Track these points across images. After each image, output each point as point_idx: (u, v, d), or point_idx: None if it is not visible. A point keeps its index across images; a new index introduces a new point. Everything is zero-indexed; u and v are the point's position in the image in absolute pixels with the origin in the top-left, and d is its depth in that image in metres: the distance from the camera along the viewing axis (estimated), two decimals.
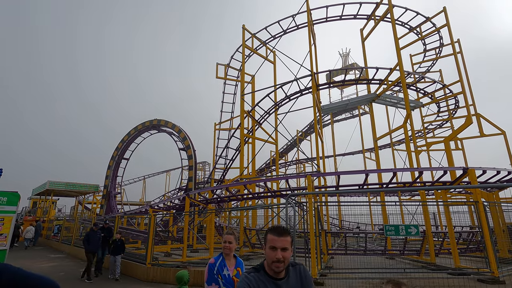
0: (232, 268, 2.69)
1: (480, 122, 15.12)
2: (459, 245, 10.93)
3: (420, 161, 11.24)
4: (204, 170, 39.36)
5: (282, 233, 1.59)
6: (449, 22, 14.25)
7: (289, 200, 6.24)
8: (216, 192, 15.52)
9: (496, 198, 11.07)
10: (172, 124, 24.02)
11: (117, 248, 9.02)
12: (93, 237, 9.25)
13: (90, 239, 9.16)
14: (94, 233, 9.34)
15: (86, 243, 9.15)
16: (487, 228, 6.79)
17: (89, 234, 9.36)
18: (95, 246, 9.24)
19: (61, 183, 24.52)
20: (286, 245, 1.56)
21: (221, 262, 2.69)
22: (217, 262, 2.69)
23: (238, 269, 2.70)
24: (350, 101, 16.05)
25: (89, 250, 9.06)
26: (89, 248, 9.06)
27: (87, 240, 9.19)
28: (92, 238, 9.23)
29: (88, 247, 9.07)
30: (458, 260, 8.01)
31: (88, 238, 9.21)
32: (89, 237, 9.23)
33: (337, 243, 14.31)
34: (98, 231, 9.55)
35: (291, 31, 18.09)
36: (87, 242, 9.14)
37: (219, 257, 2.73)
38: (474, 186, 6.89)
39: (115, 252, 8.95)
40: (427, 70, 19.24)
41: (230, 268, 2.67)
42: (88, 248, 9.06)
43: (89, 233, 9.41)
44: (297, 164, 30.34)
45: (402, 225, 6.91)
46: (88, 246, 9.08)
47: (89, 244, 9.10)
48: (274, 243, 1.56)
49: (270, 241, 1.58)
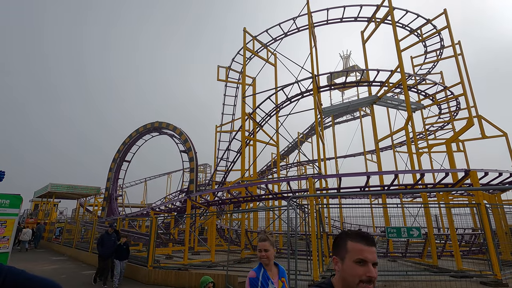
0: (276, 279, 2.31)
1: (482, 123, 15.09)
2: (461, 248, 10.87)
3: (421, 163, 11.22)
4: (205, 172, 39.38)
5: (372, 241, 1.15)
6: (449, 24, 14.26)
7: (290, 202, 6.23)
8: (218, 194, 15.50)
9: (498, 200, 11.03)
10: (173, 127, 24.08)
11: (122, 252, 8.42)
12: (107, 241, 8.55)
13: (104, 243, 8.50)
14: (108, 236, 8.64)
15: (100, 246, 8.51)
16: (490, 230, 6.76)
17: (103, 237, 8.65)
18: (109, 250, 8.48)
19: (62, 185, 24.58)
20: (376, 258, 1.13)
21: (264, 274, 2.28)
22: (259, 274, 2.28)
23: (283, 280, 2.34)
24: (351, 103, 16.04)
25: (103, 254, 8.43)
26: (103, 252, 8.44)
27: (101, 243, 8.53)
28: (107, 241, 8.54)
29: (102, 251, 8.44)
30: (461, 263, 7.96)
31: (103, 241, 8.54)
32: (103, 240, 8.55)
33: None
34: (112, 233, 8.76)
35: (292, 33, 18.17)
36: (101, 246, 8.50)
37: (259, 268, 2.32)
38: (476, 188, 6.86)
39: (120, 257, 8.35)
40: (428, 72, 19.24)
41: (274, 279, 2.30)
42: (102, 252, 8.43)
43: (104, 235, 8.69)
44: (298, 166, 30.30)
45: (404, 227, 6.89)
46: (102, 250, 8.45)
47: (103, 248, 8.46)
48: (363, 255, 1.10)
49: (356, 252, 1.11)
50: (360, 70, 17.51)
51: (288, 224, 6.50)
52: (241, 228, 13.94)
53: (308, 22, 14.78)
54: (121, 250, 8.42)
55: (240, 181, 15.15)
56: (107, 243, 8.50)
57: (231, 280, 7.19)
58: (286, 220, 6.56)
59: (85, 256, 12.95)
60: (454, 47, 13.78)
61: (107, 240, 8.55)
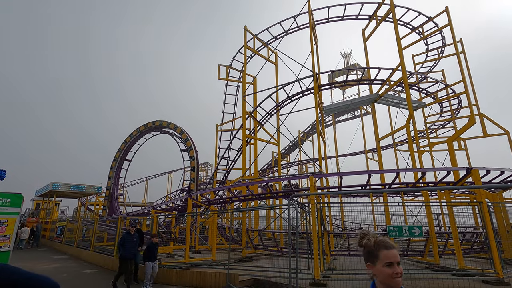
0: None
1: (484, 122, 15.03)
2: (463, 246, 10.85)
3: (423, 161, 11.18)
4: (206, 171, 39.42)
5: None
6: (451, 21, 14.19)
7: (291, 201, 6.22)
8: (218, 193, 15.51)
9: (500, 198, 10.97)
10: (174, 125, 24.08)
11: (155, 253, 7.84)
12: (129, 241, 7.91)
13: (125, 244, 7.84)
14: (130, 237, 8.01)
15: (121, 247, 7.85)
16: (491, 229, 6.73)
17: (124, 237, 8.01)
18: (131, 251, 7.87)
19: (64, 184, 24.63)
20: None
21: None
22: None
23: None
24: (352, 101, 15.99)
25: (125, 256, 7.75)
26: (124, 254, 7.75)
27: (122, 244, 7.87)
28: (128, 242, 7.89)
29: (124, 253, 7.76)
30: (462, 261, 7.94)
31: (124, 241, 7.88)
32: (125, 240, 7.90)
33: (339, 244, 14.25)
34: (135, 233, 8.17)
35: (293, 32, 18.11)
36: (122, 247, 7.84)
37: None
38: (478, 187, 6.84)
39: (152, 257, 7.73)
40: (430, 70, 19.17)
41: None
42: (124, 254, 7.75)
43: (125, 236, 8.05)
44: (299, 165, 30.29)
45: (405, 225, 6.86)
46: (123, 251, 7.78)
47: (125, 249, 7.79)
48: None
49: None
50: (361, 69, 17.47)
51: (289, 223, 6.49)
52: (242, 226, 13.94)
53: (309, 20, 14.72)
54: (153, 250, 7.86)
55: (241, 179, 15.15)
56: (129, 243, 7.90)
57: (232, 278, 7.19)
58: (287, 219, 6.55)
59: (86, 255, 12.98)
60: (456, 44, 13.72)
61: (128, 240, 7.95)
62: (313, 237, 7.19)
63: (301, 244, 11.36)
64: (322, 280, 6.68)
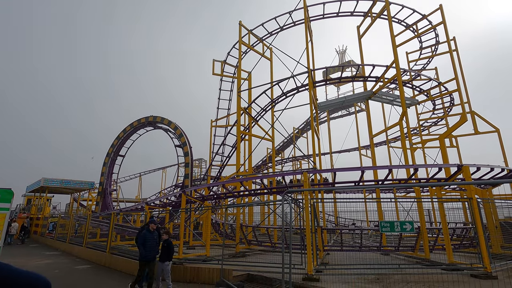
0: None
1: (475, 119, 15.27)
2: (453, 241, 11.06)
3: (415, 158, 11.32)
4: (200, 167, 39.31)
5: None
6: (445, 19, 14.29)
7: (285, 197, 6.25)
8: (213, 189, 15.48)
9: (490, 194, 11.21)
10: (168, 121, 23.90)
11: (165, 251, 6.88)
12: (150, 240, 6.84)
13: (146, 242, 6.79)
14: (151, 235, 6.93)
15: (142, 247, 6.75)
16: (481, 224, 6.88)
17: (145, 235, 6.90)
18: (152, 251, 6.83)
19: (56, 180, 24.32)
20: None
21: None
22: None
23: None
24: (346, 98, 16.06)
25: (145, 257, 6.73)
26: (145, 254, 6.73)
27: (143, 243, 6.78)
28: (149, 241, 6.83)
29: (144, 253, 6.72)
30: (452, 256, 8.10)
31: (144, 240, 6.80)
32: (146, 239, 6.82)
33: (333, 240, 14.40)
34: (155, 231, 7.06)
35: (288, 27, 18.03)
36: (142, 247, 6.75)
37: None
38: (468, 183, 6.97)
39: (163, 257, 6.84)
40: (423, 67, 19.33)
41: None
42: (144, 254, 6.72)
43: (146, 233, 6.94)
44: (293, 161, 30.41)
45: (397, 221, 6.96)
46: (144, 252, 6.72)
47: (146, 249, 6.74)
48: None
49: None
50: (355, 65, 17.50)
51: (282, 219, 6.52)
52: (236, 222, 13.98)
53: (304, 16, 14.67)
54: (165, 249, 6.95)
55: (235, 175, 15.15)
56: (150, 242, 6.83)
57: (225, 274, 7.22)
58: (281, 215, 6.58)
59: (78, 251, 12.88)
60: (449, 43, 13.84)
61: (149, 239, 6.85)
62: (306, 232, 7.24)
63: (295, 239, 11.44)
64: (315, 275, 6.75)
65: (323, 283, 6.38)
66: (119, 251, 10.43)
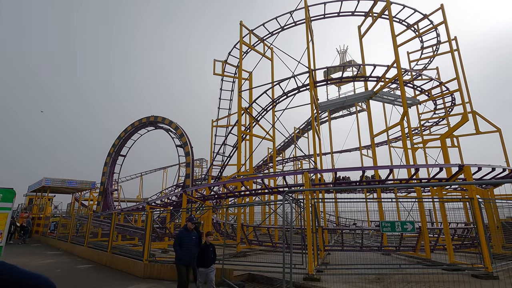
0: None
1: (476, 119, 15.22)
2: (454, 241, 11.03)
3: (416, 158, 11.31)
4: (201, 167, 39.35)
5: None
6: (446, 19, 14.26)
7: (286, 197, 6.25)
8: (214, 189, 15.51)
9: (491, 194, 11.19)
10: (169, 121, 23.92)
11: (206, 254, 5.77)
12: (187, 240, 6.03)
13: (183, 243, 5.99)
14: (188, 234, 6.10)
15: (178, 248, 5.97)
16: (482, 225, 6.87)
17: (182, 234, 6.13)
18: (190, 254, 5.96)
19: (57, 179, 24.38)
20: None
21: None
22: None
23: None
24: (347, 98, 16.06)
25: (183, 260, 5.91)
26: (183, 257, 5.91)
27: (180, 243, 5.99)
28: (187, 241, 6.02)
29: (182, 255, 5.91)
30: (453, 256, 8.09)
31: (181, 240, 6.02)
32: (183, 238, 6.03)
33: (333, 240, 14.40)
34: (193, 231, 6.22)
35: (289, 27, 18.02)
36: (179, 247, 5.96)
37: None
38: (469, 183, 6.96)
39: (204, 262, 5.73)
40: (424, 67, 19.30)
41: None
42: (181, 257, 5.90)
43: (183, 232, 6.17)
44: (294, 161, 30.39)
45: (398, 221, 6.96)
46: (181, 254, 5.92)
47: (183, 251, 5.94)
48: None
49: None
50: (356, 65, 17.49)
51: (283, 218, 6.53)
52: (237, 222, 13.99)
53: (305, 16, 14.67)
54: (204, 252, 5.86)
55: (236, 175, 15.16)
56: (187, 243, 5.99)
57: (226, 273, 7.24)
58: (282, 214, 6.58)
59: (80, 250, 12.92)
60: (450, 42, 13.82)
61: (187, 239, 6.03)
62: (307, 232, 7.25)
63: (296, 239, 11.46)
64: (316, 275, 6.75)
65: (324, 283, 6.38)
66: (120, 250, 10.46)
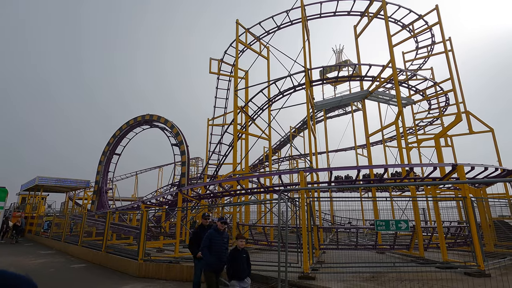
0: None
1: (470, 119, 15.40)
2: (447, 240, 11.17)
3: (410, 157, 11.41)
4: (197, 166, 39.22)
5: None
6: (441, 20, 14.38)
7: (281, 196, 6.26)
8: (209, 188, 15.48)
9: (484, 194, 11.34)
10: (164, 119, 23.78)
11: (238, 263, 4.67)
12: (217, 242, 5.03)
13: (213, 244, 4.98)
14: (219, 235, 5.11)
15: (206, 251, 4.96)
16: (474, 223, 6.96)
17: (212, 235, 5.07)
18: (220, 258, 5.00)
19: (51, 178, 24.11)
20: None
21: None
22: None
23: None
24: (343, 97, 16.12)
25: (212, 265, 4.93)
26: (211, 262, 4.92)
27: (209, 245, 4.97)
28: (217, 243, 5.03)
29: (210, 259, 4.92)
30: (446, 254, 8.19)
31: (211, 241, 4.99)
32: (212, 239, 5.00)
33: (329, 238, 14.48)
34: (225, 232, 5.29)
35: (285, 26, 18.02)
36: (207, 250, 4.96)
37: None
38: (463, 182, 7.04)
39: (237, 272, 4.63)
40: (419, 67, 19.45)
41: None
42: (210, 261, 4.92)
43: (212, 233, 5.12)
44: (290, 160, 30.45)
45: (392, 220, 7.02)
46: (209, 257, 4.92)
47: (212, 254, 4.93)
48: None
49: None
50: (352, 65, 17.57)
51: (279, 217, 6.54)
52: (233, 221, 13.99)
53: (301, 15, 14.68)
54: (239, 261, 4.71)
55: (232, 174, 15.15)
56: (218, 246, 5.02)
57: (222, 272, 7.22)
58: (277, 213, 6.60)
59: (74, 249, 12.81)
60: (445, 43, 13.94)
61: (217, 240, 5.04)
62: (302, 231, 7.27)
63: (291, 238, 11.49)
64: (311, 274, 6.78)
65: (319, 281, 6.41)
66: (115, 250, 10.39)
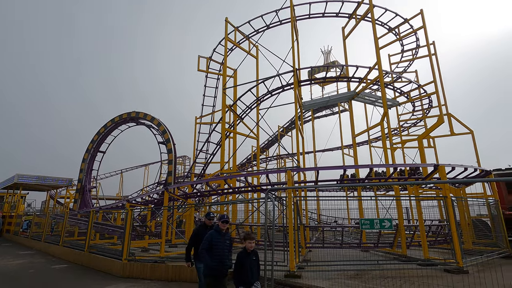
0: None
1: (451, 121, 15.93)
2: (429, 238, 11.51)
3: (395, 157, 11.69)
4: (184, 164, 38.81)
5: None
6: (425, 24, 14.77)
7: (268, 195, 6.28)
8: (196, 187, 15.34)
9: (463, 193, 11.76)
10: (151, 117, 23.37)
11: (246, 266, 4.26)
12: (218, 243, 4.47)
13: (214, 247, 4.42)
14: (220, 237, 4.55)
15: (206, 254, 4.36)
16: (454, 222, 7.21)
17: (213, 236, 4.52)
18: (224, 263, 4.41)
19: (30, 176, 23.26)
20: None
21: None
22: None
23: None
24: (330, 98, 16.33)
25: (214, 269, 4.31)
26: (212, 265, 4.29)
27: (209, 248, 4.41)
28: (219, 245, 4.46)
29: (211, 263, 4.30)
30: (427, 252, 8.44)
31: (211, 243, 4.43)
32: (213, 241, 4.45)
33: (315, 237, 14.65)
34: (227, 233, 4.76)
35: (274, 26, 18.04)
36: (206, 253, 4.37)
37: None
38: (444, 182, 7.29)
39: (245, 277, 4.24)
40: (404, 70, 19.93)
41: None
42: (212, 265, 4.29)
43: (213, 234, 4.56)
44: (277, 160, 30.59)
45: (376, 219, 7.18)
46: (210, 261, 4.31)
47: (213, 257, 4.34)
48: None
49: None
50: (340, 66, 17.82)
51: (265, 216, 6.56)
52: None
53: (291, 15, 14.74)
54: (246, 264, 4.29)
55: (219, 173, 15.07)
56: (219, 248, 4.44)
57: None
58: (264, 212, 6.62)
59: (55, 250, 12.42)
60: (429, 47, 14.32)
61: (219, 242, 4.48)
62: (289, 230, 7.32)
63: (278, 237, 11.55)
64: (297, 272, 6.85)
65: (305, 280, 6.48)
66: (98, 249, 10.15)
